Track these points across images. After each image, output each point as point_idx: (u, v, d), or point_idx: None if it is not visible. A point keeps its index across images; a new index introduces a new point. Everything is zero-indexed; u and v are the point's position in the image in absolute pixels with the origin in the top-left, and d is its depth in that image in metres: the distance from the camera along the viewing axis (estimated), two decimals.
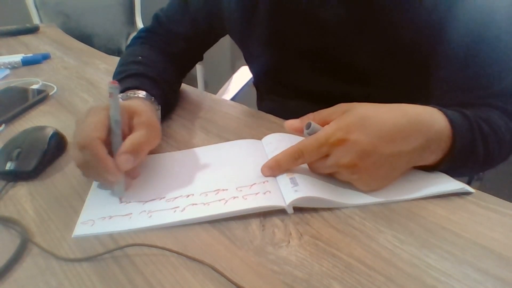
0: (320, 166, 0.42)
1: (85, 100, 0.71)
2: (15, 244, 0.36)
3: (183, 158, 0.51)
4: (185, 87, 0.74)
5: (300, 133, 0.44)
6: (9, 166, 0.46)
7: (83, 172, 0.43)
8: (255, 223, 0.38)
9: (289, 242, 0.36)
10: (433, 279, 0.32)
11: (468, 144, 0.43)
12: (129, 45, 0.72)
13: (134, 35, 0.75)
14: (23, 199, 0.43)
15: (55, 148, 0.51)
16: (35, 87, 0.77)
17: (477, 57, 0.49)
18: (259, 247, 0.36)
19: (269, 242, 0.36)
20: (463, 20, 0.49)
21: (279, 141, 0.49)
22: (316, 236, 0.37)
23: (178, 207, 0.40)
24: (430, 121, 0.42)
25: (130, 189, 0.44)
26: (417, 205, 0.40)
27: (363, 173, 0.40)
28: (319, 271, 0.33)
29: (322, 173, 0.43)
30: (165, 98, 0.59)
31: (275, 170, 0.43)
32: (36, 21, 1.84)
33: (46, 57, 0.96)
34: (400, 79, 0.57)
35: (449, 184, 0.42)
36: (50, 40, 1.16)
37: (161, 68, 0.62)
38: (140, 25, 2.05)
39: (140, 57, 0.63)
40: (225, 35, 0.74)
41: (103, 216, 0.40)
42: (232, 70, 1.99)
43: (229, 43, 2.03)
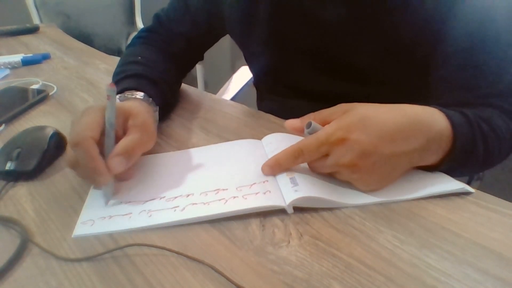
0: (320, 166, 0.42)
1: (85, 100, 0.71)
2: (15, 244, 0.36)
3: (182, 158, 0.50)
4: (185, 87, 0.74)
5: (300, 132, 0.44)
6: (9, 166, 0.46)
7: (74, 172, 0.43)
8: (255, 223, 0.38)
9: (289, 242, 0.36)
10: (433, 279, 0.32)
11: (469, 144, 0.43)
12: (130, 45, 0.72)
13: (134, 35, 0.75)
14: (23, 199, 0.43)
15: (55, 148, 0.51)
16: (35, 87, 0.77)
17: (476, 56, 0.49)
18: (259, 247, 0.36)
19: (269, 242, 0.36)
20: (463, 20, 0.49)
21: (279, 141, 0.49)
22: (316, 236, 0.37)
23: (178, 206, 0.40)
24: (430, 121, 0.42)
25: (130, 189, 0.44)
26: (417, 205, 0.40)
27: (363, 173, 0.40)
28: (319, 271, 0.33)
29: (322, 173, 0.43)
30: (164, 98, 0.59)
31: (275, 169, 0.43)
32: (36, 21, 1.84)
33: (46, 57, 0.96)
34: (400, 79, 0.57)
35: (449, 184, 0.42)
36: (50, 40, 1.16)
37: (160, 69, 0.62)
38: (140, 25, 2.05)
39: (140, 57, 0.63)
40: (225, 35, 0.74)
41: (103, 216, 0.40)
42: (232, 70, 1.99)
43: (229, 43, 2.03)
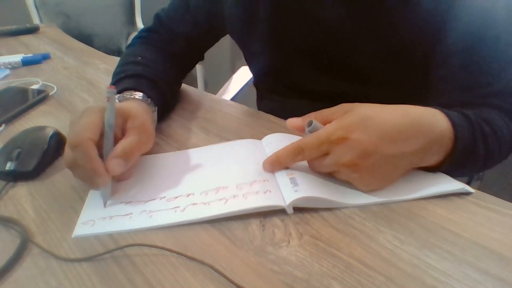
0: (320, 164, 0.42)
1: (85, 100, 0.71)
2: (15, 244, 0.36)
3: (182, 157, 0.50)
4: (185, 87, 0.74)
5: (301, 131, 0.44)
6: (9, 166, 0.46)
7: (72, 172, 0.43)
8: (255, 223, 0.38)
9: (289, 242, 0.36)
10: (433, 279, 0.32)
11: (470, 146, 0.43)
12: (130, 45, 0.72)
13: (134, 35, 0.75)
14: (23, 199, 0.43)
15: (55, 148, 0.51)
16: (35, 87, 0.77)
17: (476, 56, 0.49)
18: (259, 247, 0.36)
19: (269, 242, 0.36)
20: (463, 19, 0.49)
21: (279, 141, 0.49)
22: (316, 236, 0.37)
23: (179, 207, 0.40)
24: (432, 122, 0.41)
25: (130, 189, 0.44)
26: (417, 205, 0.40)
27: (363, 173, 0.40)
28: (319, 271, 0.33)
29: (322, 172, 0.43)
30: (164, 99, 0.59)
31: (276, 165, 0.43)
32: (36, 21, 1.84)
33: (46, 57, 0.96)
34: (400, 79, 0.57)
35: (449, 184, 0.42)
36: (50, 40, 1.16)
37: (160, 69, 0.62)
38: (140, 25, 2.05)
39: (140, 58, 0.63)
40: (225, 35, 0.74)
41: (103, 216, 0.40)
42: (232, 70, 1.99)
43: (229, 43, 2.03)
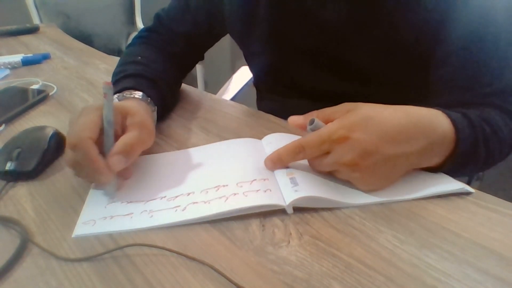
0: (321, 163, 0.42)
1: (85, 100, 0.71)
2: (15, 244, 0.36)
3: (182, 157, 0.50)
4: (185, 87, 0.74)
5: (303, 129, 0.44)
6: (9, 166, 0.46)
7: (75, 172, 0.43)
8: (255, 223, 0.38)
9: (289, 242, 0.36)
10: (433, 279, 0.32)
11: (471, 147, 0.43)
12: (130, 44, 0.72)
13: (134, 35, 0.75)
14: (23, 199, 0.43)
15: (55, 148, 0.51)
16: (35, 87, 0.76)
17: (476, 56, 0.49)
18: (259, 247, 0.36)
19: (269, 242, 0.36)
20: (463, 19, 0.49)
21: (279, 141, 0.49)
22: (316, 236, 0.37)
23: (179, 206, 0.40)
24: (434, 123, 0.41)
25: (131, 189, 0.44)
26: (417, 205, 0.40)
27: (363, 172, 0.40)
28: (319, 271, 0.33)
29: (322, 171, 0.43)
30: (163, 98, 0.59)
31: (277, 163, 0.43)
32: (36, 21, 1.84)
33: (46, 57, 0.96)
34: (400, 79, 0.57)
35: (449, 184, 0.42)
36: (50, 40, 1.16)
37: (160, 68, 0.62)
38: (140, 25, 2.04)
39: (140, 57, 0.63)
40: (225, 34, 0.73)
41: (104, 216, 0.40)
42: (232, 70, 1.99)
43: (229, 43, 2.03)
